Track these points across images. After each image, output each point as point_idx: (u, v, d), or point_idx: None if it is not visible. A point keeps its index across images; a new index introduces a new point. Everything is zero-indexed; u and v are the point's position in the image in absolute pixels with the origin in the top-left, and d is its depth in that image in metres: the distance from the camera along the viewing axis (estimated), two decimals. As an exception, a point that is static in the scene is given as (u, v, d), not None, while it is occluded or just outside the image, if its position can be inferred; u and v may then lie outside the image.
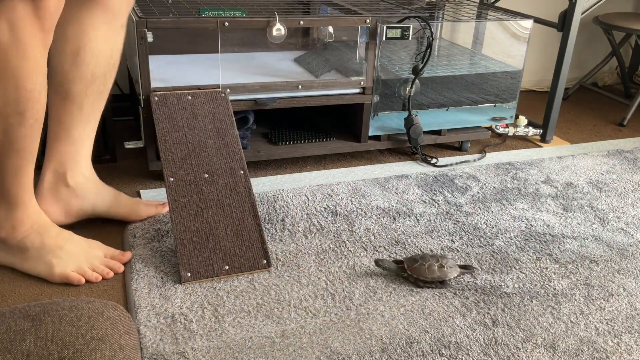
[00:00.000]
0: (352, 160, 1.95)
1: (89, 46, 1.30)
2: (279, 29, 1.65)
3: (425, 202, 1.68)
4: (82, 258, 1.29)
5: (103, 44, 1.32)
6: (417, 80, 1.87)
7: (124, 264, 1.34)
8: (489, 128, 2.18)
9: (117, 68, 1.40)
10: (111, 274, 1.30)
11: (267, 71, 1.88)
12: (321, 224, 1.53)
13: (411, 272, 1.31)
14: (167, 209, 1.53)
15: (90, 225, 1.49)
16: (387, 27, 1.75)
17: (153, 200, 1.59)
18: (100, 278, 1.29)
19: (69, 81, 1.32)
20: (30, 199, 1.28)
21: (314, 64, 1.96)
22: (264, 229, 1.49)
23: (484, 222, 1.59)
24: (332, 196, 1.68)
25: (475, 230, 1.55)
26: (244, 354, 1.10)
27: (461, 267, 1.35)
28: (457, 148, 2.08)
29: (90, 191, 1.44)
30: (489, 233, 1.54)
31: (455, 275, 1.31)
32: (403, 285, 1.32)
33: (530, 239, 1.53)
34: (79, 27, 1.29)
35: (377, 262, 1.33)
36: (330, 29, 2.07)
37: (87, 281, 1.28)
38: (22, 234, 1.27)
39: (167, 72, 1.81)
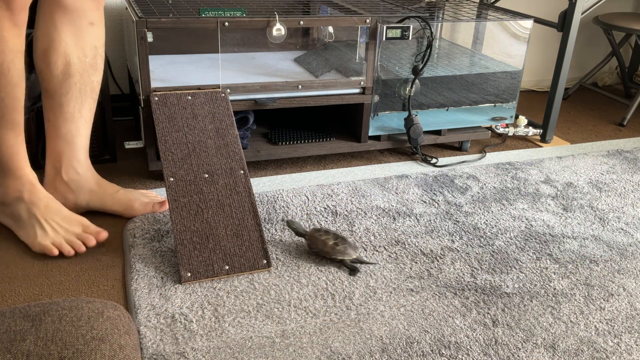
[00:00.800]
0: (352, 160, 1.95)
1: (54, 46, 1.36)
2: (279, 29, 1.65)
3: (425, 202, 1.68)
4: (62, 232, 1.37)
5: (70, 44, 1.37)
6: (417, 80, 1.87)
7: (103, 244, 1.42)
8: (489, 128, 2.18)
9: (98, 66, 1.45)
10: (83, 248, 1.36)
11: (267, 71, 1.88)
12: (321, 224, 1.53)
13: (309, 237, 1.41)
14: (165, 207, 1.56)
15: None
16: (387, 27, 1.75)
17: (154, 195, 1.60)
18: (72, 252, 1.35)
19: (44, 80, 1.40)
20: (20, 168, 1.34)
21: (314, 64, 1.96)
22: (264, 229, 1.49)
23: (484, 222, 1.59)
24: (332, 196, 1.68)
25: (475, 230, 1.55)
26: (244, 354, 1.10)
27: (356, 259, 1.38)
28: (457, 148, 2.08)
29: (83, 188, 1.50)
30: (489, 233, 1.54)
31: (340, 258, 1.36)
32: (403, 285, 1.32)
33: (530, 239, 1.53)
34: (45, 29, 1.35)
35: (289, 223, 1.44)
36: (330, 29, 2.07)
37: (61, 254, 1.35)
38: (12, 200, 1.35)
39: (167, 72, 1.81)
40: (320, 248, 1.37)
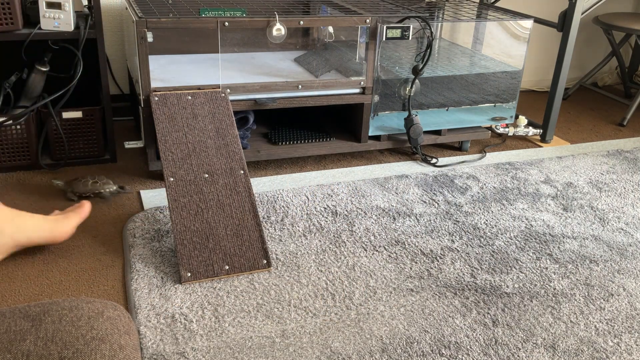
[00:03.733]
0: (352, 160, 1.95)
1: None
2: (279, 29, 1.65)
3: (425, 202, 1.68)
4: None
5: None
6: (417, 80, 1.87)
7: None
8: (489, 128, 2.18)
9: None
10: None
11: (267, 71, 1.88)
12: (321, 224, 1.53)
13: (67, 185, 1.58)
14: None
15: (89, 226, 1.49)
16: (387, 27, 1.75)
17: (68, 211, 1.43)
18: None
19: None
20: None
21: (314, 64, 1.96)
22: (264, 229, 1.49)
23: (484, 222, 1.59)
24: (332, 196, 1.68)
25: (475, 230, 1.55)
26: (244, 354, 1.10)
27: (119, 187, 1.63)
28: (457, 148, 2.08)
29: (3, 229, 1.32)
30: (489, 233, 1.54)
31: (103, 190, 1.58)
32: (403, 285, 1.32)
33: (530, 239, 1.53)
34: None
35: (53, 181, 1.60)
36: (330, 29, 2.07)
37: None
38: None
39: (167, 72, 1.81)
40: (82, 189, 1.56)
